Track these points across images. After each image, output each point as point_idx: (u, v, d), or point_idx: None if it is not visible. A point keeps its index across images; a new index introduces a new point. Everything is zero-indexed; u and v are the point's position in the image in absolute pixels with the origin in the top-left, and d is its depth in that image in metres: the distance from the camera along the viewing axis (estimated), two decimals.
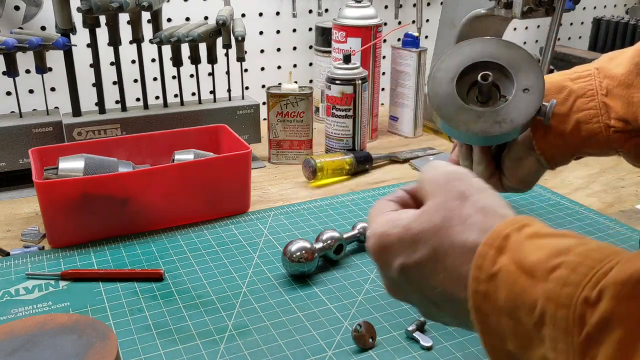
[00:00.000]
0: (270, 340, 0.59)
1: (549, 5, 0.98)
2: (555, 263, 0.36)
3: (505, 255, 0.39)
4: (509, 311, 0.38)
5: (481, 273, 0.39)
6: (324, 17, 1.31)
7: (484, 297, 0.39)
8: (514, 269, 0.38)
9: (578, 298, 0.35)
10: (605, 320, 0.33)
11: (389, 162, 1.07)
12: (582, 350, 0.34)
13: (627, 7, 1.69)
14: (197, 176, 0.80)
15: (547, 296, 0.36)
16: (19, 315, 0.63)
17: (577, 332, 0.34)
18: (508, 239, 0.39)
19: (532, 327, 0.37)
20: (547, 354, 0.37)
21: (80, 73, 0.99)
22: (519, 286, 0.37)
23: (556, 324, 0.35)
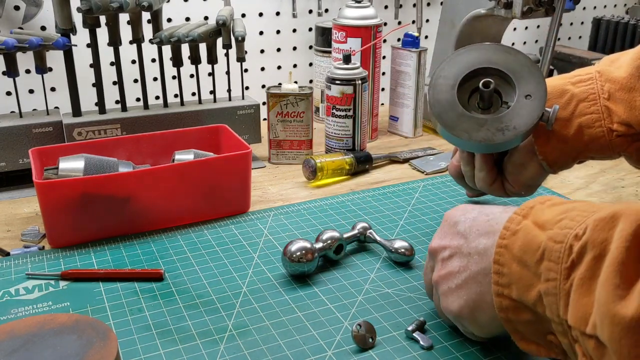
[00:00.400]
0: (270, 340, 0.59)
1: (549, 5, 0.98)
2: (562, 217, 0.46)
3: (527, 219, 0.49)
4: (520, 257, 0.47)
5: (507, 231, 0.49)
6: (324, 17, 1.31)
7: (505, 249, 0.49)
8: (531, 226, 0.48)
9: (570, 235, 0.44)
10: (583, 247, 0.42)
11: (389, 162, 1.07)
12: (567, 274, 0.43)
13: (627, 7, 1.69)
14: (197, 176, 0.80)
15: (550, 237, 0.45)
16: (19, 315, 0.63)
17: (565, 260, 0.43)
18: (533, 208, 0.50)
19: (533, 265, 0.46)
20: (541, 287, 0.45)
21: (80, 73, 0.99)
22: (531, 235, 0.47)
23: (551, 257, 0.44)
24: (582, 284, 0.42)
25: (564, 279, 0.43)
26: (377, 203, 0.89)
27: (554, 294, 0.44)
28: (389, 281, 0.69)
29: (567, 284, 0.43)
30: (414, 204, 0.88)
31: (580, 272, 0.42)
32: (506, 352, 0.57)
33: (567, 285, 0.43)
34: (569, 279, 0.43)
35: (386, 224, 0.82)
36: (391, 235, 0.79)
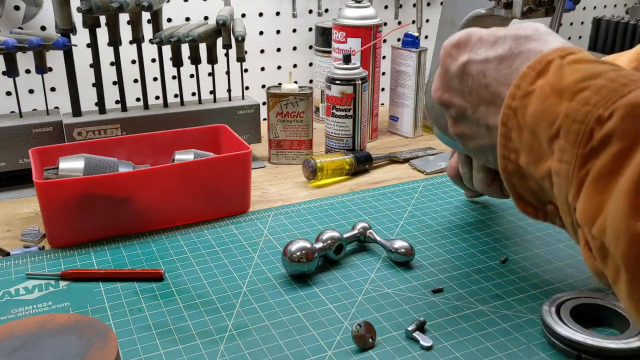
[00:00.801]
0: (270, 340, 0.59)
1: (549, 5, 0.98)
2: (584, 85, 0.40)
3: (543, 79, 0.43)
4: (532, 127, 0.42)
5: (518, 91, 0.44)
6: (324, 17, 1.31)
7: (514, 113, 0.44)
8: (548, 90, 0.42)
9: (593, 116, 0.38)
10: (608, 136, 0.37)
11: (389, 162, 1.07)
12: (583, 161, 0.38)
13: (627, 7, 1.69)
14: (197, 176, 0.80)
15: (567, 113, 0.40)
16: (19, 315, 0.63)
17: (583, 145, 0.38)
18: (550, 63, 0.43)
19: (546, 141, 0.42)
20: (552, 165, 0.41)
21: (80, 73, 0.99)
22: (547, 104, 0.41)
23: (568, 137, 0.39)
24: (599, 179, 0.37)
25: (579, 165, 0.39)
26: (377, 203, 0.89)
27: (566, 177, 0.40)
28: (389, 281, 0.69)
29: (582, 171, 0.39)
30: (414, 204, 0.88)
31: (599, 165, 0.38)
32: (506, 352, 0.57)
33: (582, 173, 0.39)
34: (584, 166, 0.39)
35: (386, 224, 0.82)
36: (391, 235, 0.79)
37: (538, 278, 0.69)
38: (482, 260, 0.73)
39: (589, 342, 0.55)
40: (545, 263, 0.72)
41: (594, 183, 0.38)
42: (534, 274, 0.70)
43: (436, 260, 0.73)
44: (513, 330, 0.60)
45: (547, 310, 0.59)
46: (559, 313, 0.59)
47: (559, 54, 0.44)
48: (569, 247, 0.76)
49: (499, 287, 0.68)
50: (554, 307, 0.60)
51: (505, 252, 0.75)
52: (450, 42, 0.55)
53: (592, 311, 0.61)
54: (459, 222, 0.83)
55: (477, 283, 0.68)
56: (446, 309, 0.64)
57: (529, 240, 0.78)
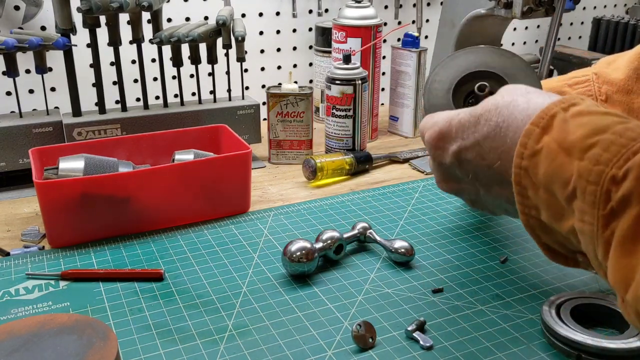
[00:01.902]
0: (270, 340, 0.59)
1: (549, 5, 0.98)
2: (592, 142, 0.39)
3: (549, 135, 0.42)
4: (546, 185, 0.42)
5: (525, 150, 0.43)
6: (324, 17, 1.31)
7: (525, 172, 0.43)
8: (555, 147, 0.41)
9: (607, 176, 0.38)
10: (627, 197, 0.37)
11: (389, 162, 1.07)
12: (605, 222, 0.38)
13: (627, 7, 1.69)
14: (197, 176, 0.80)
15: (580, 173, 0.39)
16: (19, 315, 0.63)
17: (602, 207, 0.38)
18: (554, 118, 0.42)
19: (564, 200, 0.41)
20: (576, 224, 0.40)
21: (80, 73, 0.99)
22: (557, 163, 0.41)
23: (585, 199, 0.39)
24: (624, 242, 0.37)
25: (602, 226, 0.39)
26: (377, 203, 0.89)
27: (591, 236, 0.40)
28: (389, 281, 0.69)
29: (607, 232, 0.38)
30: (414, 204, 0.88)
31: (622, 228, 0.37)
32: (506, 352, 0.57)
33: (607, 234, 0.38)
34: (608, 226, 0.38)
35: (386, 224, 0.82)
36: (391, 235, 0.79)
37: (538, 278, 0.69)
38: (482, 260, 0.73)
39: (589, 342, 0.55)
40: (545, 263, 0.72)
41: (620, 246, 0.37)
42: (534, 274, 0.70)
43: (436, 260, 0.73)
44: (513, 330, 0.60)
45: (547, 310, 0.59)
46: (559, 313, 0.59)
47: (561, 107, 0.43)
48: None
49: (499, 287, 0.68)
50: (554, 307, 0.60)
51: (505, 252, 0.75)
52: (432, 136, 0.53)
53: (592, 311, 0.61)
54: (459, 222, 0.83)
55: (477, 283, 0.68)
56: (446, 309, 0.64)
57: (529, 240, 0.78)
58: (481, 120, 0.49)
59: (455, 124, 0.51)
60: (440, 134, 0.52)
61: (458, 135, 0.51)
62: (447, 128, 0.52)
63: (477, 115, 0.49)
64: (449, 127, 0.52)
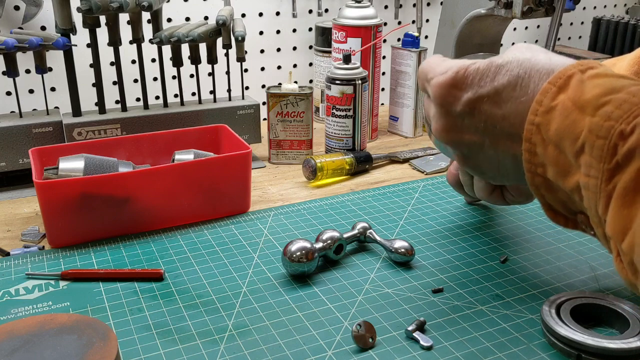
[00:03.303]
0: (270, 340, 0.59)
1: (549, 5, 0.98)
2: (605, 100, 0.40)
3: (564, 94, 0.43)
4: (556, 141, 0.43)
5: (540, 107, 0.44)
6: (324, 17, 1.31)
7: (537, 129, 0.44)
8: (569, 105, 0.42)
9: (615, 131, 0.39)
10: (632, 151, 0.38)
11: (389, 162, 1.07)
12: (609, 175, 0.39)
13: (627, 7, 1.70)
14: (197, 176, 0.80)
15: (590, 129, 0.40)
16: (19, 315, 0.63)
17: (608, 160, 0.39)
18: (571, 78, 0.43)
19: (572, 156, 0.42)
20: (581, 179, 0.41)
21: (80, 73, 0.99)
22: (570, 119, 0.42)
23: (593, 152, 0.40)
24: (625, 193, 0.38)
25: (605, 179, 0.40)
26: (377, 203, 0.89)
27: (594, 191, 0.41)
28: (389, 281, 0.69)
29: (610, 185, 0.40)
30: (414, 204, 0.88)
31: (624, 180, 0.39)
32: (506, 352, 0.57)
33: (609, 187, 0.40)
34: (611, 180, 0.39)
35: (386, 224, 0.82)
36: (391, 235, 0.79)
37: (538, 278, 0.69)
38: (482, 260, 0.73)
39: (589, 342, 0.55)
40: (545, 263, 0.72)
41: (621, 198, 0.38)
42: (534, 274, 0.70)
43: (436, 260, 0.73)
44: (513, 330, 0.60)
45: (547, 310, 0.59)
46: (559, 313, 0.59)
47: (579, 69, 0.44)
48: (569, 247, 0.76)
49: (499, 287, 0.68)
50: (554, 307, 0.60)
51: (505, 252, 0.75)
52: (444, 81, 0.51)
53: (592, 311, 0.61)
54: (459, 222, 0.83)
55: (477, 283, 0.68)
56: (446, 309, 0.64)
57: (529, 240, 0.78)
58: (502, 69, 0.48)
59: (472, 71, 0.50)
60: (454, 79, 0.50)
61: (475, 82, 0.50)
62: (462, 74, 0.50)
63: (498, 64, 0.49)
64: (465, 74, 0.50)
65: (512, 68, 0.48)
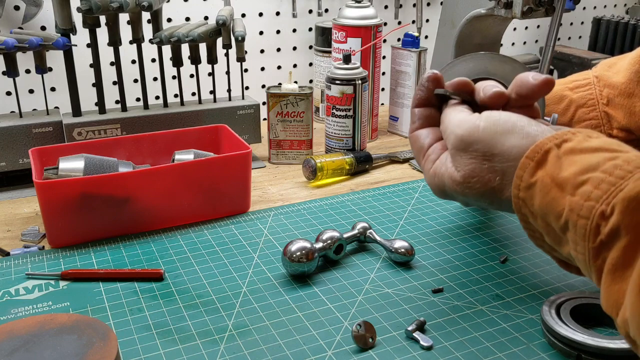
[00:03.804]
0: (270, 340, 0.59)
1: (549, 5, 0.98)
2: (583, 179, 0.42)
3: (542, 170, 0.45)
4: (542, 216, 0.45)
5: (521, 182, 0.46)
6: (324, 17, 1.31)
7: (523, 202, 0.46)
8: (548, 182, 0.44)
9: (596, 211, 0.41)
10: (615, 230, 0.40)
11: (389, 162, 1.07)
12: (595, 253, 0.41)
13: (627, 7, 1.70)
14: (197, 176, 0.80)
15: (571, 208, 0.42)
16: (19, 315, 0.63)
17: (592, 240, 0.41)
18: (548, 153, 0.45)
19: (559, 230, 0.44)
20: (572, 252, 0.44)
21: (80, 73, 0.99)
22: (550, 196, 0.44)
23: (577, 231, 0.42)
24: (615, 270, 0.40)
25: (593, 256, 0.42)
26: (377, 203, 0.89)
27: (584, 265, 0.43)
28: (389, 281, 0.69)
29: (598, 261, 0.41)
30: (414, 204, 0.88)
31: (612, 257, 0.40)
32: (506, 352, 0.57)
33: (598, 262, 0.41)
34: (599, 257, 0.41)
35: (386, 224, 0.82)
36: (391, 235, 0.79)
37: (538, 278, 0.69)
38: (482, 260, 0.73)
39: (589, 342, 0.55)
40: (545, 263, 0.72)
41: (611, 274, 0.40)
42: (534, 274, 0.70)
43: (436, 260, 0.73)
44: (513, 330, 0.60)
45: (547, 310, 0.59)
46: (559, 313, 0.59)
47: (555, 143, 0.46)
48: None
49: (499, 287, 0.68)
50: (554, 307, 0.60)
51: (505, 252, 0.75)
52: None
53: (592, 311, 0.61)
54: (459, 222, 0.83)
55: (477, 283, 0.68)
56: (446, 309, 0.64)
57: (529, 240, 0.77)
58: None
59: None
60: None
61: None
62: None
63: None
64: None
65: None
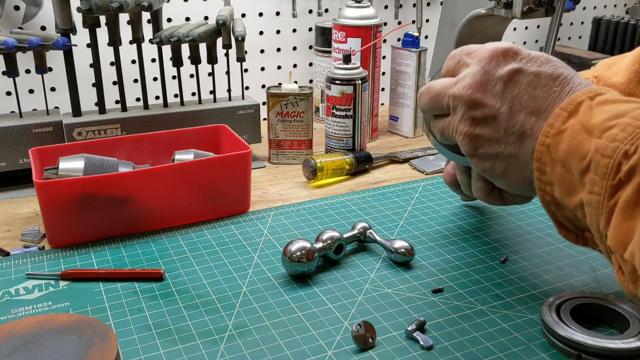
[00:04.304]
0: (270, 340, 0.59)
1: (549, 5, 0.98)
2: (611, 124, 0.44)
3: (574, 118, 0.47)
4: (564, 160, 0.46)
5: (551, 129, 0.48)
6: (324, 17, 1.31)
7: (547, 149, 0.48)
8: (578, 128, 0.46)
9: (620, 151, 0.43)
10: (633, 168, 0.41)
11: (389, 162, 1.07)
12: (612, 191, 0.43)
13: (627, 7, 1.70)
14: (197, 176, 0.80)
15: (597, 148, 0.44)
16: (19, 315, 0.63)
17: (612, 177, 0.43)
18: (581, 104, 0.47)
19: (578, 174, 0.45)
20: (584, 197, 0.45)
21: (80, 73, 0.99)
22: (578, 140, 0.46)
23: (598, 170, 0.43)
24: (627, 207, 0.41)
25: (608, 195, 0.43)
26: (377, 203, 0.89)
27: (596, 207, 0.44)
28: (389, 281, 0.69)
29: (612, 201, 0.43)
30: (414, 204, 0.88)
31: (626, 194, 0.42)
32: (506, 352, 0.57)
33: (611, 203, 0.43)
34: (613, 197, 0.43)
35: (386, 224, 0.82)
36: (391, 235, 0.79)
37: (538, 278, 0.69)
38: (482, 260, 0.73)
39: (589, 342, 0.55)
40: (545, 263, 0.72)
41: (622, 211, 0.42)
42: (534, 274, 0.70)
43: (436, 260, 0.73)
44: (513, 330, 0.60)
45: (547, 310, 0.59)
46: (559, 313, 0.59)
47: (588, 95, 0.48)
48: (569, 247, 0.76)
49: (499, 287, 0.68)
50: (554, 307, 0.60)
51: (505, 252, 0.75)
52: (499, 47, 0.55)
53: (592, 311, 0.61)
54: (459, 222, 0.83)
55: (477, 283, 0.68)
56: (446, 309, 0.64)
57: (529, 240, 0.78)
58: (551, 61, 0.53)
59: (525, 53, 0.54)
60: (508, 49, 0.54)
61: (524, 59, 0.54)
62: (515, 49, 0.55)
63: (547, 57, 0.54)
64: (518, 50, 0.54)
65: (559, 66, 0.53)
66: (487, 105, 0.54)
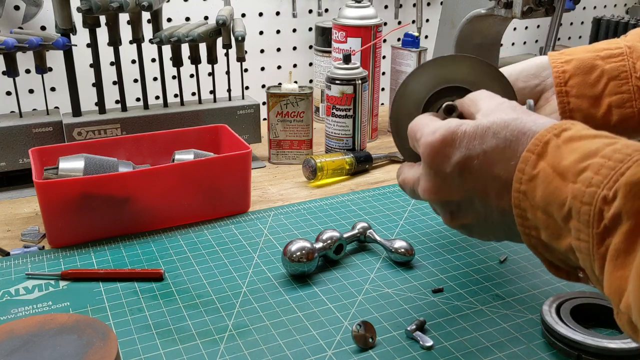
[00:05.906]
0: (270, 340, 0.59)
1: (549, 5, 0.98)
2: (584, 166, 0.43)
3: (544, 160, 0.45)
4: (544, 207, 0.45)
5: (523, 175, 0.46)
6: (324, 17, 1.31)
7: (524, 196, 0.46)
8: (550, 172, 0.44)
9: (598, 196, 0.41)
10: (617, 215, 0.40)
11: (389, 162, 1.07)
12: (600, 239, 0.41)
13: (627, 7, 1.70)
14: (197, 176, 0.80)
15: (574, 195, 0.42)
16: (19, 315, 0.63)
17: (596, 225, 0.41)
18: (547, 144, 0.45)
19: (561, 220, 0.44)
20: (573, 242, 0.43)
21: (80, 73, 0.99)
22: (552, 186, 0.44)
23: (580, 218, 0.42)
24: (617, 255, 0.40)
25: (596, 243, 0.41)
26: (377, 203, 0.89)
27: (587, 253, 0.42)
28: (389, 281, 0.69)
29: (602, 248, 0.41)
30: (414, 204, 0.88)
31: (615, 243, 0.40)
32: (506, 352, 0.57)
33: (602, 250, 0.41)
34: (602, 243, 0.41)
35: (386, 224, 0.82)
36: (391, 235, 0.79)
37: (538, 278, 0.69)
38: (482, 260, 0.73)
39: (589, 342, 0.55)
40: None
41: (613, 260, 0.40)
42: (534, 274, 0.70)
43: (436, 260, 0.73)
44: (513, 330, 0.60)
45: (547, 310, 0.59)
46: (559, 313, 0.59)
47: (554, 133, 0.46)
48: None
49: (499, 287, 0.68)
50: (554, 307, 0.60)
51: (505, 252, 0.75)
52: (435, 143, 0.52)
53: (592, 311, 0.61)
54: None
55: (477, 283, 0.68)
56: (446, 309, 0.64)
57: None
58: (489, 132, 0.50)
59: (460, 134, 0.51)
60: (443, 141, 0.51)
61: (463, 144, 0.51)
62: (451, 136, 0.51)
63: (485, 127, 0.50)
64: (454, 136, 0.51)
65: (499, 130, 0.50)
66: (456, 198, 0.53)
